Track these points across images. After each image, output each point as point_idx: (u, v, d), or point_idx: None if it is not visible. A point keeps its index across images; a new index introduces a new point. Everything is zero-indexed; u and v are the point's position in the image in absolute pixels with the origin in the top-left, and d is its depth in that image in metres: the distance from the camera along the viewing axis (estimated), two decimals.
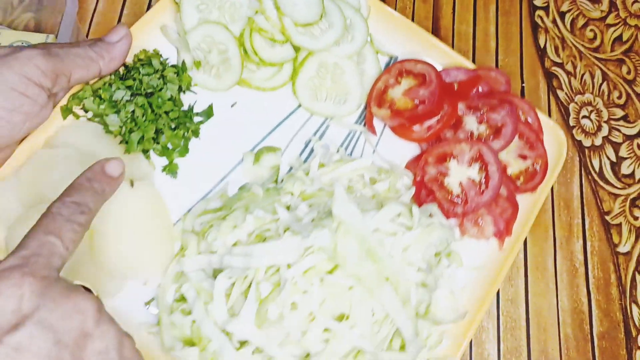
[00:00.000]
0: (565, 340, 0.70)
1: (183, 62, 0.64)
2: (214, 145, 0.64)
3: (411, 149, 0.69)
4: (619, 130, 0.81)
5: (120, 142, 0.60)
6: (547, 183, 0.68)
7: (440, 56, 0.71)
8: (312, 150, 0.66)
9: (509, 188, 0.66)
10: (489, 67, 0.73)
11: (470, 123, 0.67)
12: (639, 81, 0.83)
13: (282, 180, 0.63)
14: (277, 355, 0.51)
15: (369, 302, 0.51)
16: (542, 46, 0.84)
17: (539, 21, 0.86)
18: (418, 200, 0.65)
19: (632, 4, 0.89)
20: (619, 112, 0.82)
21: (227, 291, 0.53)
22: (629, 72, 0.84)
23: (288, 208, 0.57)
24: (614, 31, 0.87)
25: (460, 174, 0.64)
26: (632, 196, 0.78)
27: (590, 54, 0.85)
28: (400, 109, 0.67)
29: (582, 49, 0.85)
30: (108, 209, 0.55)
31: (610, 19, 0.88)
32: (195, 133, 0.63)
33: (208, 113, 0.65)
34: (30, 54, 0.52)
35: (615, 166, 0.79)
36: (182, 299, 0.57)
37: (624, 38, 0.87)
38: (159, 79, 0.62)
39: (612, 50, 0.85)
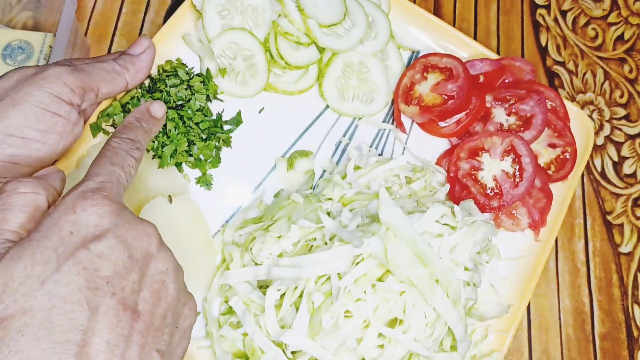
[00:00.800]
0: (567, 341, 0.69)
1: (208, 70, 0.63)
2: (245, 153, 0.63)
3: (440, 145, 0.68)
4: (620, 130, 0.80)
5: (153, 157, 0.59)
6: (577, 170, 0.68)
7: (462, 48, 0.71)
8: (343, 152, 0.66)
9: (542, 178, 0.66)
10: (513, 57, 0.72)
11: (499, 115, 0.67)
12: None
13: (317, 185, 0.62)
14: None
15: (422, 306, 0.51)
16: (543, 45, 0.84)
17: (540, 20, 0.85)
18: (452, 196, 0.64)
19: (634, 2, 0.88)
20: (621, 112, 0.81)
21: (276, 302, 0.53)
22: (630, 71, 0.83)
23: (329, 214, 0.57)
24: (616, 30, 0.86)
25: (493, 167, 0.64)
26: (634, 196, 0.77)
27: (591, 53, 0.84)
28: (429, 105, 0.66)
29: (583, 47, 0.84)
30: None
31: (611, 18, 0.87)
32: (227, 142, 0.62)
33: (237, 121, 0.64)
34: (57, 71, 0.51)
35: (617, 166, 0.78)
36: (229, 311, 0.57)
37: (626, 37, 0.86)
38: (186, 89, 0.61)
39: (613, 49, 0.85)
